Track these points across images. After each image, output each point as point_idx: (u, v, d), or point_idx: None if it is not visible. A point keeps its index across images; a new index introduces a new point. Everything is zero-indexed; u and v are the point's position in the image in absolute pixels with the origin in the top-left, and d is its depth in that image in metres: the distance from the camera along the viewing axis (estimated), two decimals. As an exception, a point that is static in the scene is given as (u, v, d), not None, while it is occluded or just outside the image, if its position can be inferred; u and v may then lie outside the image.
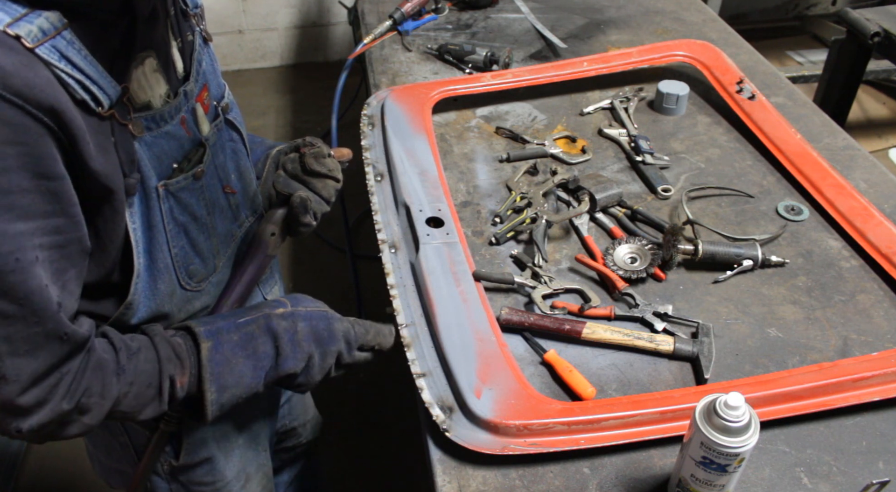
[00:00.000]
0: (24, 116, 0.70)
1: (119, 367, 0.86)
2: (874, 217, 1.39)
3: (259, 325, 0.98)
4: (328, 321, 1.04)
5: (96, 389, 0.84)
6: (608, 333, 1.20)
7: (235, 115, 1.10)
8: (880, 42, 2.46)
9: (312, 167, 1.18)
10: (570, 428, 1.04)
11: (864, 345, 1.21)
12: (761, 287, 1.32)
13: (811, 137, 1.62)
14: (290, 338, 0.99)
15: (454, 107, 1.80)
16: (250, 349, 0.97)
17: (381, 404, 2.44)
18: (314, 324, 1.02)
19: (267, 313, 1.00)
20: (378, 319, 1.15)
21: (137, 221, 0.89)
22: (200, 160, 0.98)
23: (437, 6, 2.21)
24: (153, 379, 0.90)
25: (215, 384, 0.94)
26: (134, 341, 0.91)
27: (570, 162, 1.62)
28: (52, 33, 0.73)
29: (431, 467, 1.05)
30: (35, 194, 0.73)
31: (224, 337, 0.95)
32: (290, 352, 0.99)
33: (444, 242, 1.32)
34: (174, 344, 0.93)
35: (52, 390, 0.79)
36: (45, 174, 0.73)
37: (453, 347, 1.14)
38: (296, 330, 1.00)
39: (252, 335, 0.97)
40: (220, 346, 0.94)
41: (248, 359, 0.96)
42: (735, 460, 0.89)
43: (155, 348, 0.91)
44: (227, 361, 0.94)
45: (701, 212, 1.48)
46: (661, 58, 1.88)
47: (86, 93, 0.77)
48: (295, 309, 1.02)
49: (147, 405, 0.90)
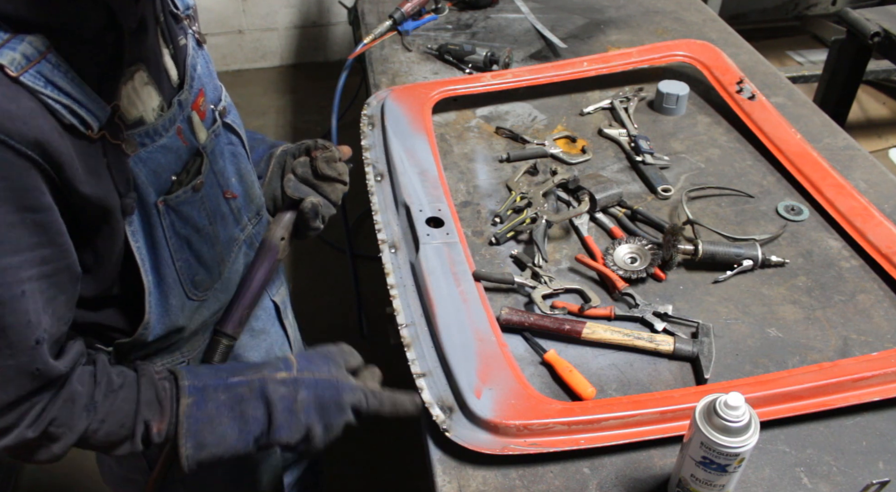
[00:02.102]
0: (7, 151, 0.69)
1: (91, 402, 0.85)
2: (874, 217, 1.39)
3: (252, 388, 0.93)
4: (337, 391, 0.97)
5: (64, 420, 0.83)
6: (608, 333, 1.20)
7: (234, 118, 1.07)
8: (880, 42, 2.45)
9: (325, 172, 1.16)
10: (570, 428, 1.04)
11: (864, 345, 1.21)
12: (761, 287, 1.32)
13: (811, 137, 1.62)
14: (287, 407, 0.94)
15: (454, 107, 1.80)
16: (237, 412, 0.92)
17: (381, 404, 2.44)
18: (319, 393, 0.96)
19: (264, 376, 0.94)
20: (378, 318, 1.15)
21: (140, 239, 0.88)
22: (199, 171, 0.95)
23: (437, 6, 2.21)
24: (127, 420, 0.88)
25: (192, 440, 0.90)
26: (119, 377, 0.89)
27: (570, 162, 1.62)
28: (37, 58, 0.71)
29: (431, 467, 1.05)
30: (21, 228, 0.72)
31: (210, 395, 0.91)
32: (285, 422, 0.94)
33: (444, 242, 1.32)
34: (159, 389, 0.90)
35: (18, 418, 0.79)
36: (31, 207, 0.72)
37: (453, 347, 1.14)
38: (295, 399, 0.94)
39: (242, 398, 0.92)
40: (203, 403, 0.91)
41: (234, 421, 0.92)
42: (735, 460, 0.89)
43: (137, 389, 0.89)
44: (210, 419, 0.91)
45: (701, 212, 1.48)
46: (661, 58, 1.88)
47: (74, 117, 0.75)
48: (300, 375, 0.96)
49: (120, 444, 0.89)
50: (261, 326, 1.19)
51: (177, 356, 1.05)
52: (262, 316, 1.19)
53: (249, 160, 1.13)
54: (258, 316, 1.17)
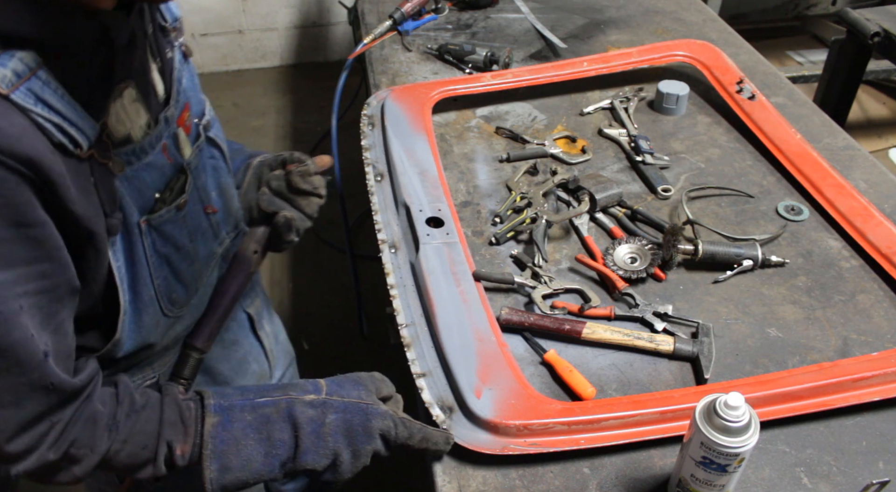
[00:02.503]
0: (2, 169, 0.67)
1: (114, 422, 0.84)
2: (874, 217, 1.39)
3: (279, 408, 0.90)
4: (365, 417, 0.93)
5: (86, 441, 0.82)
6: (608, 333, 1.20)
7: (217, 132, 1.05)
8: (880, 42, 2.46)
9: (299, 186, 1.16)
10: (570, 428, 1.04)
11: (864, 345, 1.21)
12: (761, 287, 1.32)
13: (811, 137, 1.62)
14: (314, 430, 0.90)
15: (454, 107, 1.80)
16: (264, 434, 0.89)
17: (381, 403, 2.44)
18: (348, 418, 0.92)
19: (292, 398, 0.91)
20: (378, 319, 1.15)
21: (121, 258, 0.86)
22: (183, 189, 0.94)
23: (437, 6, 2.21)
24: (150, 441, 0.86)
25: (217, 463, 0.87)
26: (142, 397, 0.88)
27: (570, 162, 1.62)
28: (27, 75, 0.69)
29: (431, 467, 1.05)
30: (15, 243, 0.70)
31: (236, 415, 0.89)
32: (312, 446, 0.90)
33: (444, 242, 1.32)
34: (183, 409, 0.88)
35: (40, 438, 0.78)
36: (24, 222, 0.70)
37: (453, 347, 1.14)
38: (323, 422, 0.91)
39: (268, 419, 0.89)
40: (229, 423, 0.88)
41: (260, 444, 0.89)
42: (735, 460, 0.89)
43: (161, 410, 0.87)
44: (236, 440, 0.88)
45: (701, 212, 1.48)
46: (661, 58, 1.88)
47: (63, 136, 0.73)
48: (329, 397, 0.93)
49: (143, 466, 0.87)
50: (232, 337, 1.17)
51: (147, 372, 1.02)
52: (233, 327, 1.17)
53: (230, 173, 1.11)
54: (230, 327, 1.15)
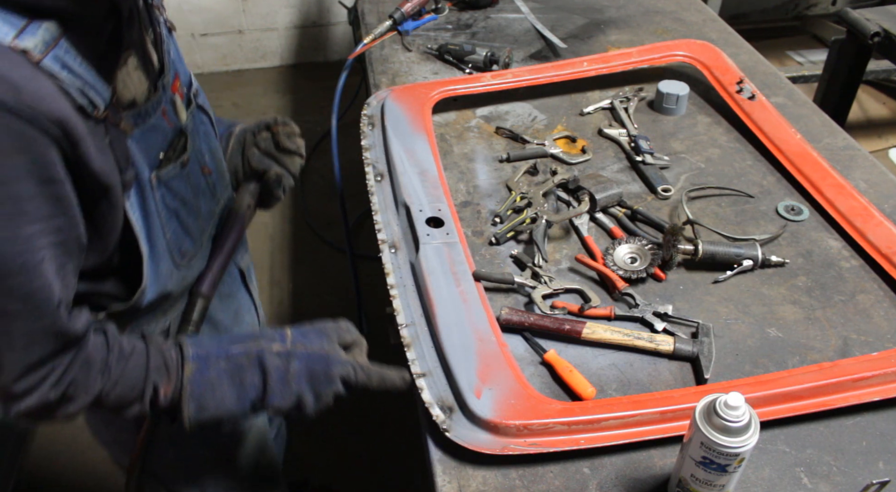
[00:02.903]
0: (33, 129, 0.74)
1: (106, 366, 0.91)
2: (874, 217, 1.39)
3: (250, 357, 1.00)
4: (326, 364, 1.03)
5: (81, 383, 0.89)
6: (608, 333, 1.20)
7: (203, 100, 1.14)
8: (880, 42, 2.46)
9: (286, 145, 1.26)
10: (570, 428, 1.04)
11: (864, 345, 1.21)
12: (761, 287, 1.32)
13: (811, 137, 1.62)
14: (280, 376, 1.00)
15: (454, 107, 1.80)
16: (237, 379, 0.99)
17: (381, 404, 2.44)
18: (311, 365, 1.02)
19: (262, 347, 1.02)
20: (378, 319, 1.16)
21: (137, 211, 0.94)
22: (185, 148, 1.02)
23: (437, 6, 2.21)
24: (138, 383, 0.94)
25: (194, 403, 0.97)
26: (129, 345, 0.95)
27: (570, 162, 1.62)
28: (52, 44, 0.77)
29: (431, 467, 1.05)
30: (40, 199, 0.77)
31: (212, 362, 0.99)
32: (279, 390, 1.01)
33: (444, 242, 1.32)
34: (167, 356, 0.97)
35: (42, 380, 0.85)
36: (49, 179, 0.78)
37: (453, 347, 1.14)
38: (288, 369, 1.01)
39: (241, 367, 1.00)
40: (206, 370, 0.98)
41: (232, 387, 0.99)
42: (735, 460, 0.89)
43: (147, 356, 0.95)
44: (212, 385, 0.98)
45: (701, 212, 1.48)
46: (661, 58, 1.88)
47: (84, 98, 0.80)
48: (293, 347, 1.03)
49: (130, 405, 0.95)
50: (227, 290, 1.26)
51: (162, 319, 1.11)
52: (228, 281, 1.26)
53: (217, 138, 1.20)
54: (225, 281, 1.24)
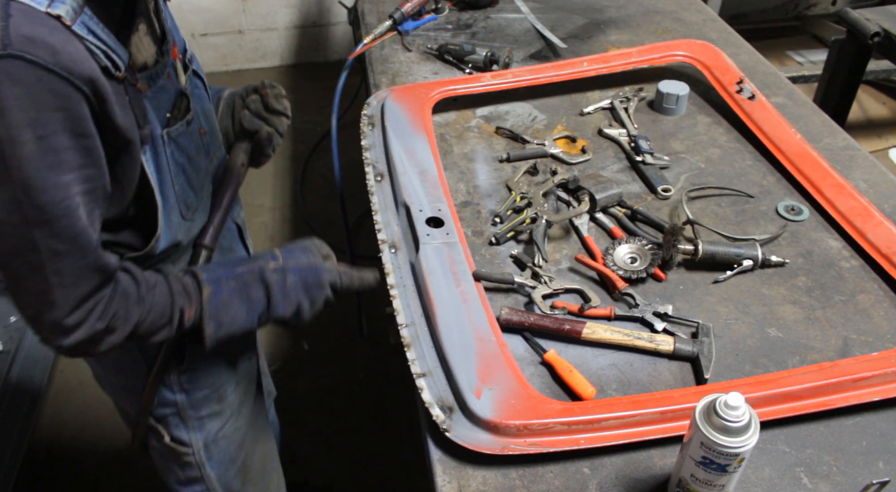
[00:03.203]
0: (69, 87, 0.83)
1: (139, 297, 1.01)
2: (874, 217, 1.39)
3: (254, 275, 1.13)
4: (317, 273, 1.18)
5: (122, 313, 0.98)
6: (608, 333, 1.20)
7: (197, 66, 1.21)
8: (880, 42, 2.46)
9: (274, 106, 1.34)
10: (570, 428, 1.04)
11: (864, 345, 1.21)
12: (761, 287, 1.32)
13: (811, 137, 1.62)
14: (281, 289, 1.14)
15: (454, 107, 1.80)
16: (244, 295, 1.12)
17: (381, 404, 2.44)
18: (304, 276, 1.17)
19: (261, 266, 1.14)
20: (378, 319, 1.17)
21: (151, 165, 1.02)
22: (188, 108, 1.11)
23: (437, 6, 2.21)
24: (167, 309, 1.04)
25: (213, 321, 1.08)
26: (152, 277, 1.05)
27: (570, 162, 1.62)
28: (79, 10, 0.85)
29: (431, 467, 1.05)
30: (75, 151, 0.86)
31: (223, 283, 1.10)
32: (280, 300, 1.14)
33: (444, 242, 1.32)
34: (184, 283, 1.08)
35: (89, 312, 0.94)
36: (83, 133, 0.86)
37: (453, 347, 1.14)
38: (285, 282, 1.14)
39: (247, 284, 1.12)
40: (219, 291, 1.09)
41: (242, 303, 1.11)
42: (735, 460, 0.89)
43: (169, 285, 1.06)
44: (225, 303, 1.09)
45: (701, 212, 1.48)
46: (661, 58, 1.88)
47: (107, 60, 0.89)
48: (285, 263, 1.16)
49: (160, 330, 1.05)
50: (227, 244, 1.34)
51: (170, 269, 1.18)
52: (227, 235, 1.33)
53: (210, 101, 1.27)
54: (224, 235, 1.31)
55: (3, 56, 0.78)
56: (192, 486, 1.41)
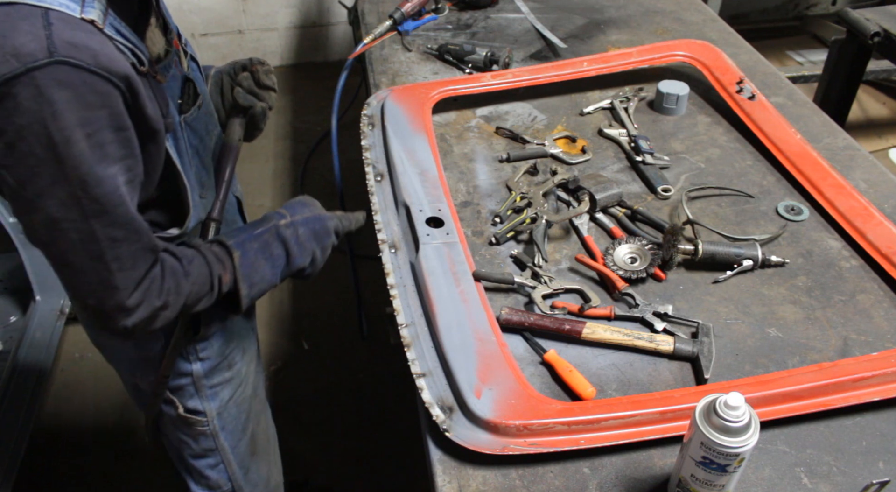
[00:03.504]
0: (108, 85, 0.88)
1: (185, 271, 1.07)
2: (874, 217, 1.39)
3: (271, 234, 1.20)
4: (322, 222, 1.26)
5: (173, 288, 1.04)
6: (608, 333, 1.20)
7: (192, 50, 1.25)
8: (880, 42, 2.46)
9: (265, 82, 1.39)
10: (570, 428, 1.04)
11: (864, 345, 1.21)
12: (761, 287, 1.32)
13: (811, 137, 1.62)
14: (296, 241, 1.21)
15: (454, 107, 1.80)
16: (267, 254, 1.19)
17: (381, 404, 2.44)
18: (312, 226, 1.24)
19: (275, 224, 1.21)
20: (378, 319, 1.17)
21: (174, 151, 1.08)
22: (196, 93, 1.16)
23: (437, 6, 2.21)
24: (207, 278, 1.10)
25: (247, 282, 1.15)
26: (188, 252, 1.11)
27: (570, 162, 1.62)
28: (106, 13, 0.90)
29: (431, 467, 1.05)
30: (117, 144, 0.91)
31: (248, 246, 1.16)
32: (298, 252, 1.21)
33: (444, 242, 1.32)
34: (215, 252, 1.14)
35: (147, 291, 1.00)
36: (122, 127, 0.92)
37: (453, 347, 1.14)
38: (298, 235, 1.22)
39: (267, 243, 1.19)
40: (246, 254, 1.15)
41: (266, 261, 1.18)
42: (735, 460, 0.89)
43: (204, 256, 1.11)
44: (252, 264, 1.16)
45: (701, 212, 1.48)
46: (661, 58, 1.88)
47: (134, 57, 0.94)
48: (293, 218, 1.23)
49: (202, 299, 1.11)
50: (230, 217, 1.40)
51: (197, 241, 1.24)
52: (229, 209, 1.38)
53: (205, 83, 1.32)
54: (227, 209, 1.35)
55: (51, 63, 0.82)
56: (206, 458, 1.46)
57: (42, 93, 0.83)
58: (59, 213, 0.89)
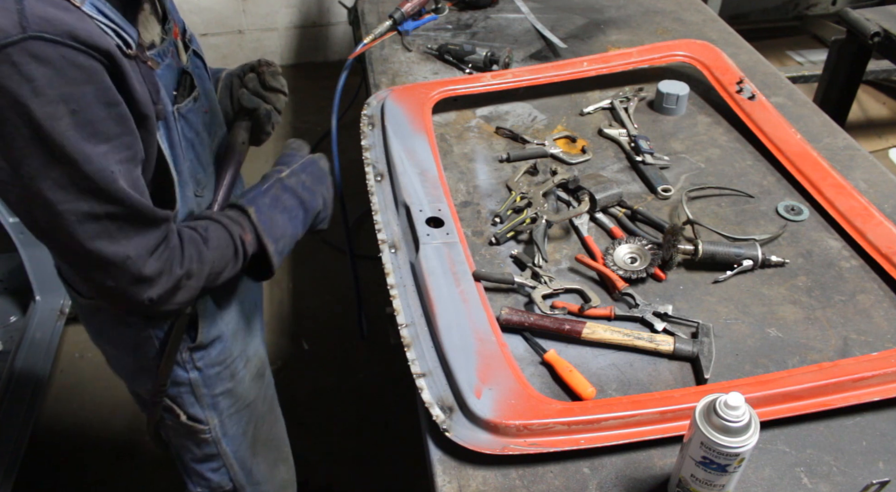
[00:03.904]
0: (91, 60, 0.85)
1: (204, 239, 1.07)
2: (874, 217, 1.39)
3: (278, 187, 1.22)
4: (316, 165, 1.31)
5: (195, 256, 1.04)
6: (608, 333, 1.20)
7: (197, 46, 1.24)
8: (880, 42, 2.45)
9: (271, 84, 1.37)
10: (570, 428, 1.04)
11: (864, 345, 1.21)
12: (761, 287, 1.32)
13: (811, 137, 1.62)
14: (303, 187, 1.24)
15: (454, 107, 1.80)
16: (280, 206, 1.20)
17: (381, 403, 2.44)
18: (310, 171, 1.29)
19: (279, 177, 1.23)
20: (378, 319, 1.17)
21: (164, 141, 1.06)
22: (192, 85, 1.15)
23: (437, 6, 2.21)
24: (229, 241, 1.10)
25: (270, 237, 1.15)
26: (202, 222, 1.11)
27: (570, 162, 1.62)
28: None
29: (431, 467, 1.05)
30: (109, 120, 0.89)
31: (259, 202, 1.17)
32: (309, 197, 1.25)
33: (444, 242, 1.32)
34: (230, 215, 1.14)
35: (166, 260, 0.99)
36: (112, 102, 0.89)
37: (453, 347, 1.14)
38: (303, 181, 1.25)
39: (277, 197, 1.20)
40: (260, 209, 1.16)
41: (281, 213, 1.19)
42: (735, 460, 0.89)
43: (219, 222, 1.11)
44: (269, 218, 1.17)
45: (701, 212, 1.48)
46: (661, 58, 1.88)
47: (119, 38, 0.91)
48: (292, 168, 1.26)
49: (228, 265, 1.11)
50: None
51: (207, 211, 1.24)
52: None
53: (210, 81, 1.30)
54: None
55: (24, 38, 0.80)
56: (209, 462, 1.45)
57: (19, 70, 0.80)
58: (55, 195, 0.87)
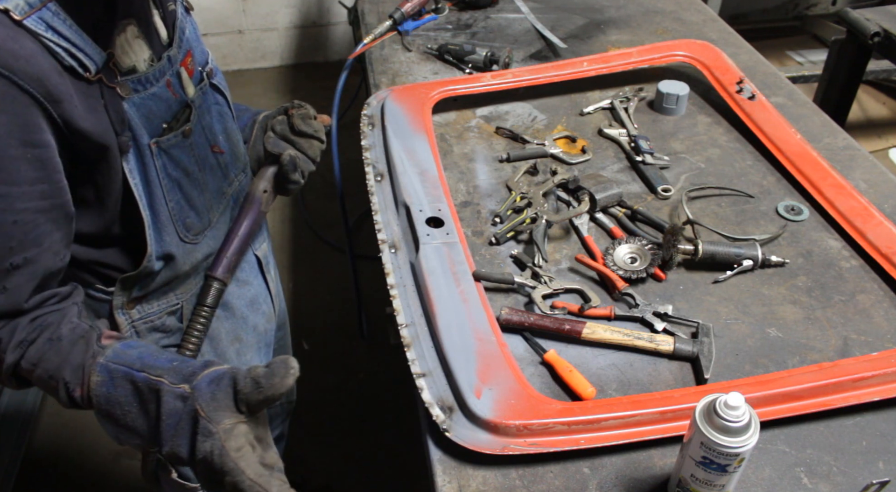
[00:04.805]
0: (11, 87, 0.76)
1: (21, 343, 0.89)
2: (874, 217, 1.39)
3: (151, 389, 0.90)
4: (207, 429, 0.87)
5: (34, 355, 0.89)
6: (608, 333, 1.20)
7: (220, 81, 1.16)
8: (880, 42, 2.45)
9: (300, 128, 1.26)
10: (570, 428, 1.04)
11: (864, 345, 1.21)
12: (761, 287, 1.32)
13: (811, 137, 1.62)
14: (174, 423, 0.89)
15: (454, 107, 1.80)
16: (143, 408, 0.91)
17: (381, 404, 2.44)
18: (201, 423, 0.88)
19: (165, 385, 0.89)
20: (378, 318, 1.16)
21: (137, 177, 0.97)
22: (188, 119, 1.05)
23: (437, 6, 2.21)
24: (53, 374, 0.91)
25: (106, 420, 0.93)
26: (70, 333, 0.91)
27: (570, 162, 1.62)
28: (38, 6, 0.80)
29: (431, 467, 1.05)
30: (21, 162, 0.79)
31: (118, 381, 0.91)
32: (169, 437, 0.89)
33: (444, 242, 1.32)
34: (87, 356, 0.91)
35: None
36: (32, 142, 0.79)
37: (453, 347, 1.14)
38: (181, 418, 0.88)
39: (142, 396, 0.90)
40: (112, 387, 0.90)
41: (140, 416, 0.91)
42: (735, 460, 0.89)
43: (70, 350, 0.90)
44: (121, 404, 0.91)
45: (701, 212, 1.48)
46: (661, 58, 1.88)
47: (73, 59, 0.83)
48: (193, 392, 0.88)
49: (53, 393, 0.93)
50: (245, 277, 1.28)
51: (171, 298, 1.13)
52: (245, 268, 1.27)
53: (235, 121, 1.21)
54: (242, 268, 1.25)
55: None
56: None
57: None
58: None
